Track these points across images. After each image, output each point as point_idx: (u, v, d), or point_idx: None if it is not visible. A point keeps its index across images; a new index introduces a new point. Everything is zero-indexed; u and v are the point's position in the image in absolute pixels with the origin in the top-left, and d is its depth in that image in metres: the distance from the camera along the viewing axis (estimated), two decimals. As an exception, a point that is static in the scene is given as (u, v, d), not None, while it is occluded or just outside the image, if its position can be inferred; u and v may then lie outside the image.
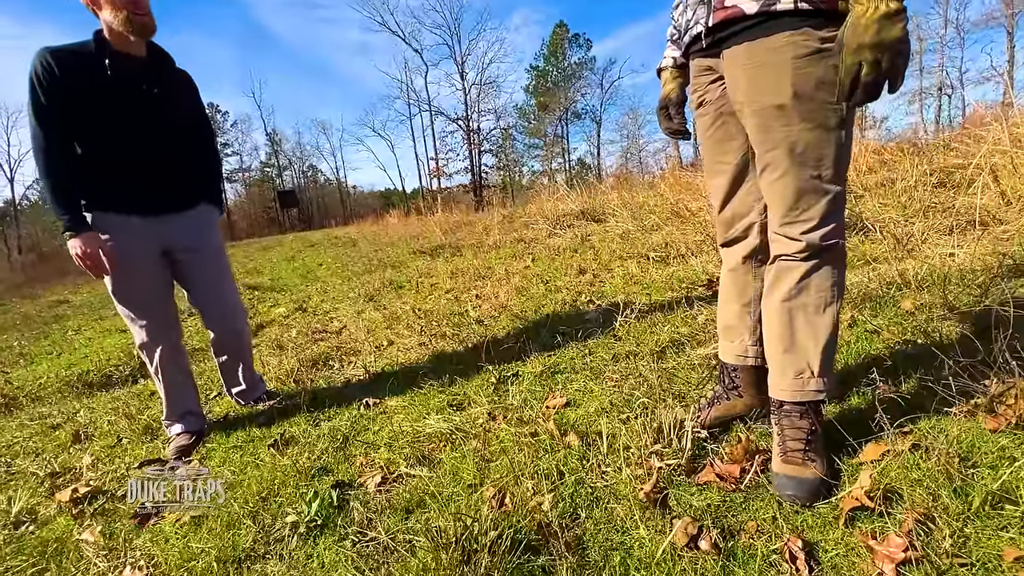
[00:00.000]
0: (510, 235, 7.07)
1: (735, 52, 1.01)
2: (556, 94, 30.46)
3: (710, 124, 1.16)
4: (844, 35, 0.86)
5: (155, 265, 1.69)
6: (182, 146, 1.73)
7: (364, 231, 16.62)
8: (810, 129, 0.95)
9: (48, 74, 1.48)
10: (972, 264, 2.13)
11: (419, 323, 2.92)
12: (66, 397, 2.89)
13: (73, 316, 7.07)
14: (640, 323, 2.09)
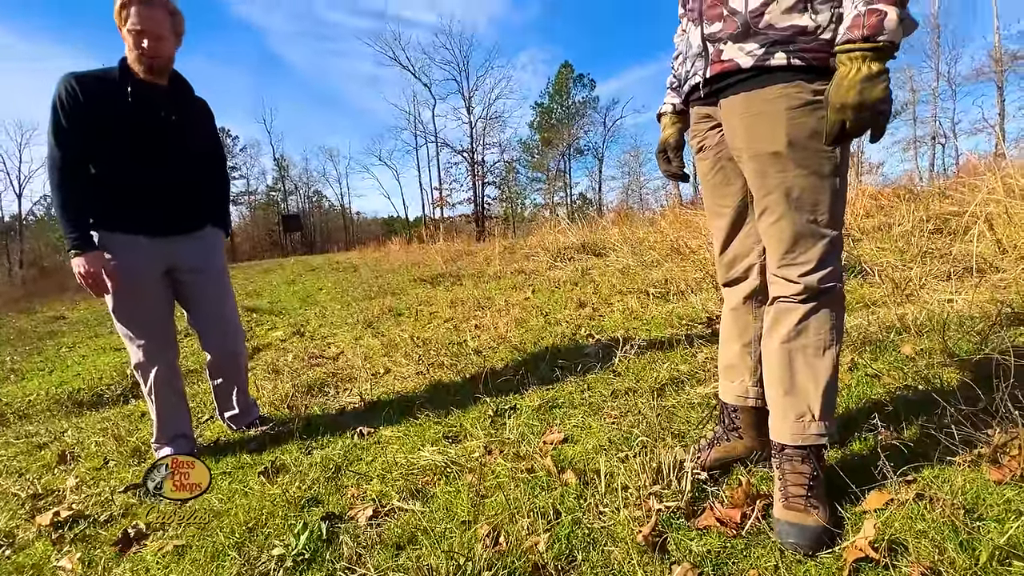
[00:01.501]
0: (511, 266, 7.12)
1: (732, 102, 1.04)
2: (560, 130, 31.20)
3: (710, 169, 1.19)
4: (827, 94, 0.90)
5: (158, 284, 1.69)
6: (195, 172, 1.76)
7: (366, 257, 16.74)
8: (805, 175, 0.98)
9: (71, 99, 1.52)
10: (971, 311, 2.14)
11: (417, 351, 2.90)
12: (55, 415, 2.84)
13: (68, 332, 7.02)
14: (639, 359, 2.09)
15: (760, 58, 0.97)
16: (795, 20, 0.94)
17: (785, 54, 0.95)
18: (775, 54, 0.96)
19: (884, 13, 0.84)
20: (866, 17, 0.85)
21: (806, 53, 0.94)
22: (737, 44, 1.00)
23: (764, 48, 0.96)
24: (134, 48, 1.56)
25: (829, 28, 0.93)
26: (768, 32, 0.96)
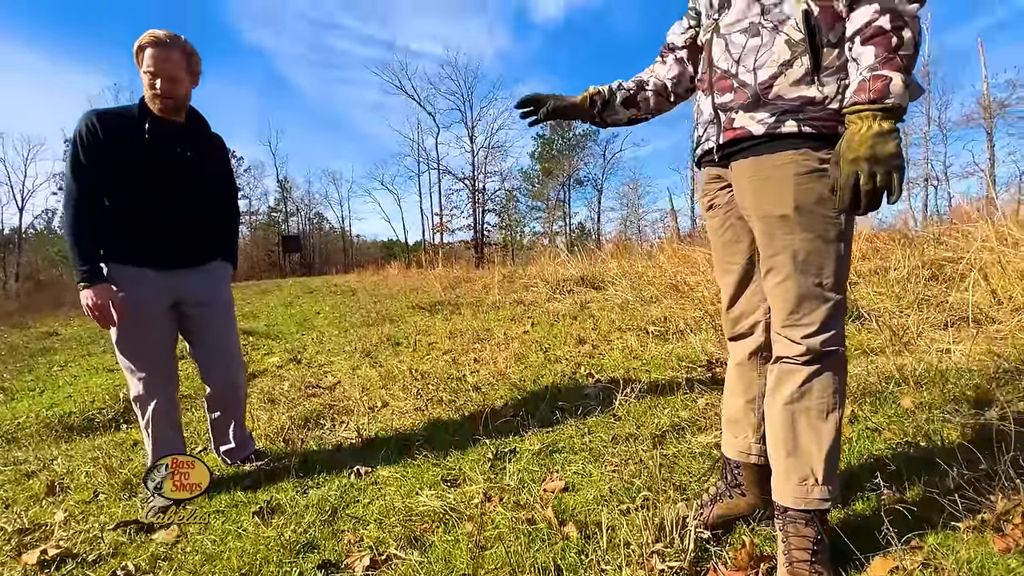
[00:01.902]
0: (510, 296, 7.14)
1: (743, 165, 1.08)
2: (560, 161, 31.75)
3: (719, 226, 1.22)
4: (840, 148, 0.93)
5: (164, 317, 1.70)
6: (207, 207, 1.79)
7: (364, 280, 16.76)
8: (811, 239, 1.01)
9: (91, 135, 1.56)
10: (968, 363, 2.16)
11: (415, 385, 2.89)
12: (44, 441, 2.79)
13: (61, 350, 6.94)
14: (640, 403, 2.08)
15: (771, 126, 1.01)
16: (803, 91, 0.99)
17: (796, 122, 0.99)
18: (786, 122, 1.00)
19: (889, 78, 0.87)
20: (871, 82, 0.88)
21: (815, 121, 0.98)
22: (748, 113, 1.04)
23: (775, 117, 1.01)
24: (149, 88, 1.61)
25: (836, 99, 0.98)
26: (777, 102, 1.00)
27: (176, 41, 1.63)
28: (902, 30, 0.88)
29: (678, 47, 1.32)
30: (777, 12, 1.01)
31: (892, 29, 0.88)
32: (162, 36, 1.60)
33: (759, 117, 1.03)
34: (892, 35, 0.88)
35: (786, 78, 0.99)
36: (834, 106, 0.98)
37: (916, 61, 0.91)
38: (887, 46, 0.88)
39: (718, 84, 1.09)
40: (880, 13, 0.89)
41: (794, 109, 0.99)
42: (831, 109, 0.98)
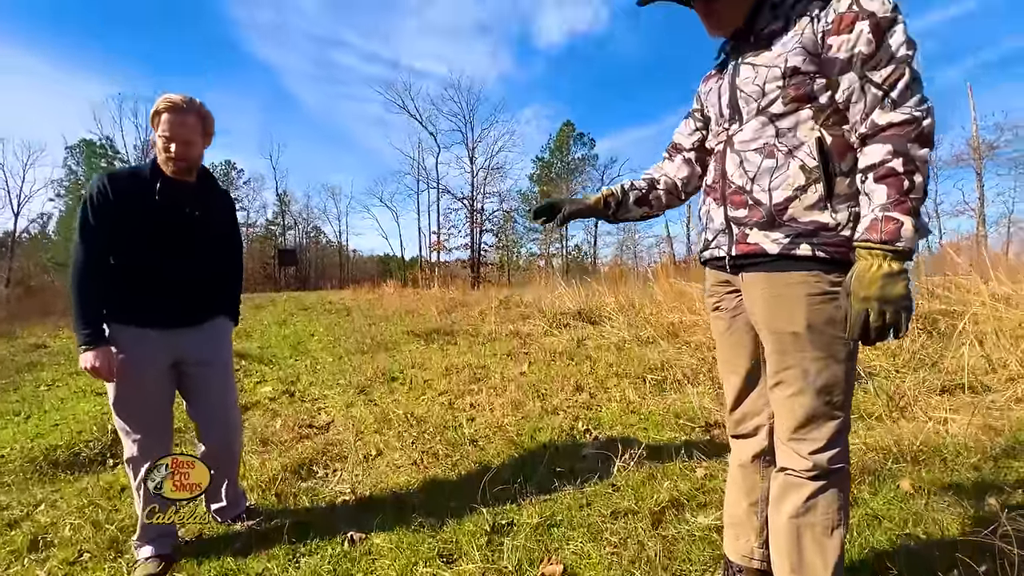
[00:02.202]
0: (506, 326, 7.13)
1: (755, 278, 1.10)
2: (559, 185, 32.11)
3: (725, 329, 1.24)
4: (850, 284, 0.94)
5: (163, 378, 1.68)
6: (213, 266, 1.79)
7: (359, 298, 16.70)
8: (822, 358, 1.02)
9: (102, 197, 1.57)
10: (966, 438, 2.17)
11: (411, 433, 2.86)
12: (29, 480, 2.72)
13: (48, 365, 6.83)
14: (639, 471, 2.07)
15: (786, 247, 1.03)
16: (816, 216, 1.01)
17: (810, 246, 1.01)
18: (800, 245, 1.02)
19: (901, 223, 0.90)
20: (883, 223, 0.91)
21: (828, 247, 1.01)
22: (763, 231, 1.07)
23: (790, 239, 1.03)
24: (164, 152, 1.63)
25: (848, 226, 1.00)
26: (792, 224, 1.03)
27: (192, 105, 1.65)
28: (913, 174, 0.91)
29: (686, 148, 1.35)
30: (791, 136, 1.04)
31: (904, 172, 0.91)
32: (179, 101, 1.62)
33: (774, 237, 1.05)
34: (904, 178, 0.91)
35: (801, 202, 1.02)
36: (845, 233, 1.00)
37: (924, 200, 0.93)
38: (899, 188, 0.91)
39: (732, 198, 1.12)
40: (893, 155, 0.92)
41: (808, 233, 1.02)
42: (843, 236, 1.00)
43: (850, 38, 0.96)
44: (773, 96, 1.05)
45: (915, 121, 0.91)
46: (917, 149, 0.92)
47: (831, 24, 0.98)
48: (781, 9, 1.09)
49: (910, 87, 0.92)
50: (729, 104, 1.15)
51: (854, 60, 0.96)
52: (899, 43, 0.93)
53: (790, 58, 1.02)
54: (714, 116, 1.21)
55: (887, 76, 0.93)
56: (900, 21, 0.95)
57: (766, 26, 1.10)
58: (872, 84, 0.94)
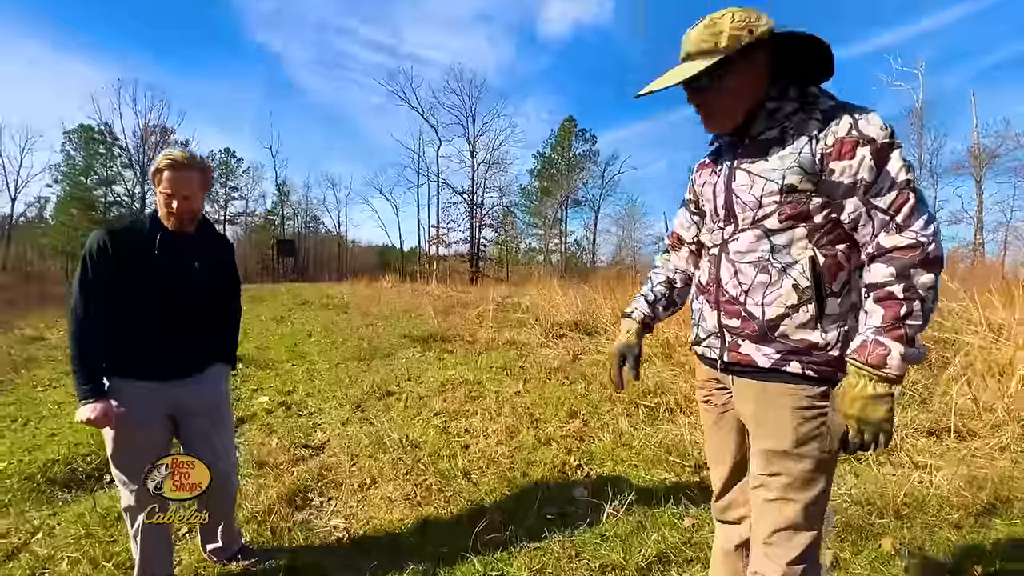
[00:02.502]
0: (503, 333, 7.16)
1: (745, 385, 1.13)
2: (559, 180, 32.04)
3: (713, 423, 1.27)
4: (837, 398, 0.97)
5: (161, 430, 1.71)
6: (211, 315, 1.81)
7: (357, 293, 16.69)
8: (805, 471, 1.05)
9: (101, 252, 1.58)
10: (950, 491, 2.21)
11: (405, 461, 2.90)
12: (26, 499, 2.75)
13: (45, 362, 6.84)
14: (628, 519, 2.11)
15: (777, 362, 1.06)
16: (807, 335, 1.04)
17: (800, 364, 1.04)
18: (791, 362, 1.05)
19: (889, 350, 0.91)
20: (873, 347, 0.92)
21: (816, 365, 1.03)
22: (755, 344, 1.09)
23: (781, 355, 1.06)
24: (165, 207, 1.64)
25: (836, 346, 1.03)
26: (783, 341, 1.06)
27: (192, 161, 1.66)
28: (912, 301, 0.92)
29: (687, 241, 1.38)
30: (786, 254, 1.06)
31: (903, 299, 0.92)
32: (180, 158, 1.62)
33: (765, 351, 1.07)
34: (902, 304, 0.92)
35: (792, 320, 1.04)
36: (834, 353, 1.02)
37: (925, 327, 0.95)
38: (895, 314, 0.92)
39: (725, 306, 1.14)
40: (894, 278, 0.93)
41: (798, 351, 1.04)
42: (831, 355, 1.03)
43: (852, 164, 0.98)
44: (769, 210, 1.07)
45: (920, 246, 0.92)
46: (920, 275, 0.92)
47: (831, 148, 1.00)
48: (777, 117, 1.10)
49: (915, 210, 0.94)
50: (724, 206, 1.16)
51: (857, 186, 0.98)
52: (899, 168, 0.95)
53: (788, 176, 1.04)
54: (709, 213, 1.23)
55: (892, 201, 0.95)
56: (897, 146, 0.97)
57: (762, 132, 1.12)
58: (878, 209, 0.96)
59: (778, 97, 1.11)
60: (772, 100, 1.11)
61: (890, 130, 0.97)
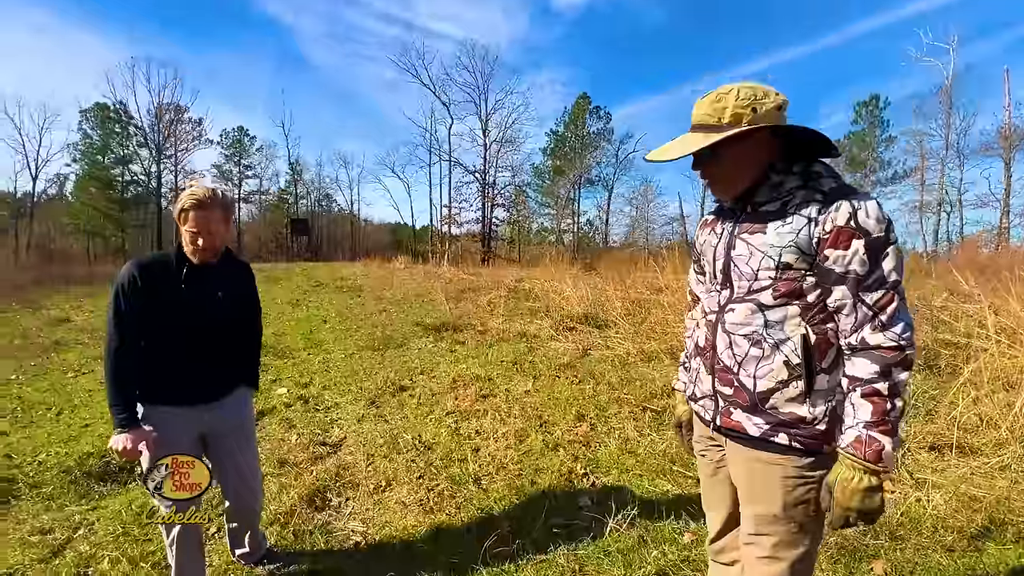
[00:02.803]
0: (514, 324, 7.25)
1: (736, 449, 1.20)
2: (572, 159, 31.62)
3: (709, 475, 1.34)
4: (833, 488, 1.04)
5: (192, 449, 1.82)
6: (235, 342, 1.91)
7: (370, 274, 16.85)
8: (792, 532, 1.13)
9: (131, 285, 1.67)
10: (946, 512, 2.27)
11: (419, 463, 3.03)
12: (66, 493, 2.93)
13: (73, 345, 7.10)
14: (630, 534, 2.21)
15: (766, 432, 1.12)
16: (796, 409, 1.09)
17: (787, 436, 1.10)
18: (780, 434, 1.11)
19: (883, 446, 0.99)
20: (868, 444, 1.00)
21: (804, 438, 1.09)
22: (746, 414, 1.15)
23: (770, 426, 1.12)
24: (191, 244, 1.72)
25: (824, 420, 1.08)
26: (772, 413, 1.11)
27: (215, 199, 1.72)
28: (895, 398, 0.99)
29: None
30: (779, 330, 1.10)
31: (888, 395, 0.99)
32: (203, 197, 1.69)
33: (755, 421, 1.13)
34: (887, 401, 0.99)
35: (782, 395, 1.10)
36: (821, 427, 1.08)
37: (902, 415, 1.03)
38: (883, 410, 0.99)
39: (720, 374, 1.20)
40: (879, 376, 0.99)
41: (787, 424, 1.10)
42: (818, 430, 1.08)
43: (846, 255, 1.01)
44: (764, 284, 1.11)
45: (901, 349, 0.99)
46: (900, 373, 0.99)
47: (828, 234, 1.03)
48: (780, 191, 1.13)
49: (898, 313, 0.99)
50: (723, 271, 1.21)
51: (848, 276, 1.02)
52: (891, 268, 0.99)
53: (784, 254, 1.08)
54: (708, 274, 1.28)
55: (878, 300, 0.99)
56: (892, 242, 1.00)
57: (764, 203, 1.15)
58: (864, 304, 1.00)
59: (782, 171, 1.14)
60: (777, 173, 1.14)
61: (887, 223, 1.00)
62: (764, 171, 1.15)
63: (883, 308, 0.99)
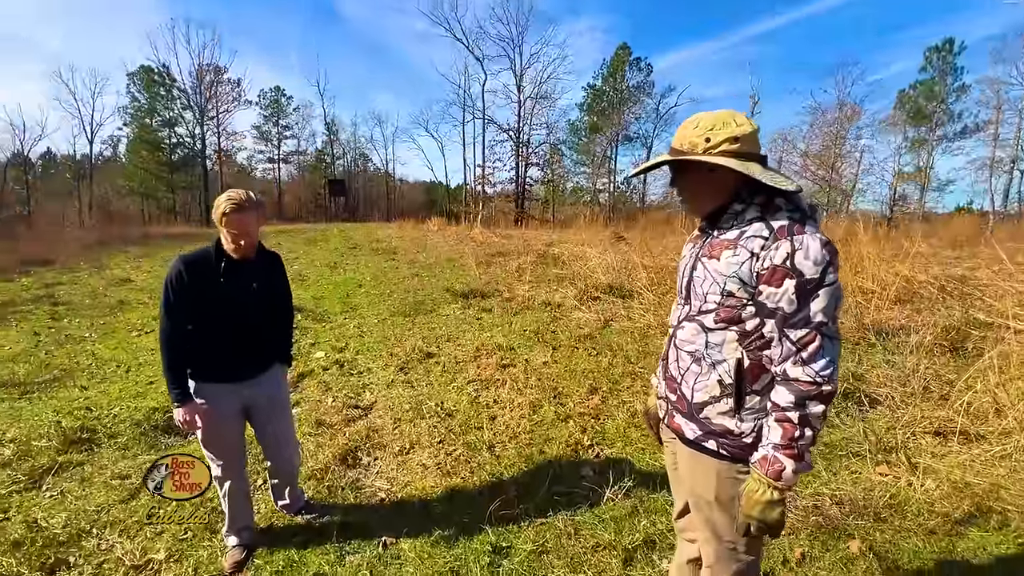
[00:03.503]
0: (540, 291, 7.40)
1: (680, 447, 1.36)
2: (610, 115, 30.49)
3: (671, 463, 1.50)
4: (742, 496, 1.18)
5: (236, 419, 2.12)
6: (270, 325, 2.16)
7: (405, 236, 17.19)
8: (727, 521, 1.28)
9: (179, 280, 1.92)
10: (934, 499, 2.35)
11: (440, 429, 3.30)
12: (138, 443, 3.38)
13: (136, 305, 7.74)
14: (626, 502, 2.41)
15: (699, 438, 1.27)
16: (726, 423, 1.23)
17: (716, 444, 1.25)
18: (709, 440, 1.26)
19: (784, 467, 1.11)
20: (772, 463, 1.13)
21: (731, 448, 1.23)
22: (684, 419, 1.30)
23: (703, 433, 1.27)
24: (231, 243, 1.94)
25: (751, 435, 1.21)
26: (705, 422, 1.26)
27: (251, 202, 1.93)
28: (805, 427, 1.10)
29: None
30: (717, 351, 1.22)
31: (798, 424, 1.10)
32: (241, 201, 1.90)
33: (691, 426, 1.28)
34: (796, 428, 1.10)
35: (714, 408, 1.23)
36: (747, 440, 1.21)
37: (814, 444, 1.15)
38: (791, 436, 1.11)
39: (668, 382, 1.34)
40: (793, 407, 1.10)
41: (716, 433, 1.24)
42: (745, 442, 1.21)
43: (777, 292, 1.10)
44: (711, 307, 1.22)
45: (817, 385, 1.08)
46: (815, 406, 1.09)
47: (765, 270, 1.11)
48: (739, 220, 1.21)
49: (820, 351, 1.08)
50: (685, 288, 1.32)
51: (776, 312, 1.11)
52: (818, 309, 1.07)
53: (728, 283, 1.17)
54: (677, 288, 1.39)
55: (801, 337, 1.08)
56: (827, 284, 1.07)
57: (725, 228, 1.23)
58: (788, 340, 1.09)
59: (747, 200, 1.21)
60: (740, 202, 1.22)
61: (824, 265, 1.06)
62: (730, 197, 1.23)
63: (805, 346, 1.08)
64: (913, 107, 27.41)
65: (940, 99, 26.55)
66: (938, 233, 13.93)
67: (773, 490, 1.13)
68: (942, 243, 11.58)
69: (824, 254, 1.07)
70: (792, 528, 2.22)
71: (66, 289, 8.75)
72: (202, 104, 31.38)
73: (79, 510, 2.57)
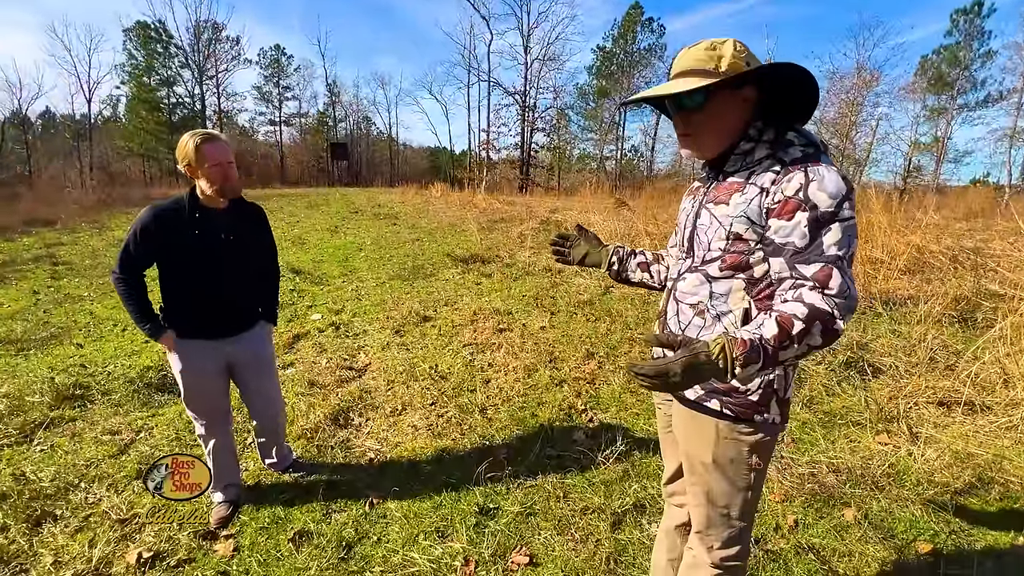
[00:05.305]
0: (541, 257, 7.29)
1: (678, 407, 1.26)
2: (619, 79, 29.54)
3: (663, 428, 1.42)
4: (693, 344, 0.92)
5: (220, 377, 2.06)
6: (251, 279, 2.07)
7: (407, 201, 16.96)
8: (723, 483, 1.20)
9: (143, 233, 1.83)
10: (934, 468, 2.29)
11: (433, 391, 3.26)
12: (131, 401, 3.36)
13: (135, 267, 7.68)
14: (618, 466, 2.37)
15: (701, 397, 1.17)
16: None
17: (719, 403, 1.14)
18: (712, 399, 1.15)
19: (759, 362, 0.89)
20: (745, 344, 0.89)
21: (735, 406, 1.13)
22: None
23: (705, 392, 1.16)
24: (216, 182, 1.83)
25: (757, 392, 1.11)
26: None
27: (219, 134, 1.83)
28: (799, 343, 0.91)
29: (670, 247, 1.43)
30: (722, 302, 1.11)
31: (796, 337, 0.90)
32: (211, 132, 1.80)
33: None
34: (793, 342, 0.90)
35: None
36: (753, 398, 1.11)
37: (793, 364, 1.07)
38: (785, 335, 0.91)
39: (666, 328, 1.23)
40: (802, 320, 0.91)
41: (718, 391, 1.14)
42: (750, 400, 1.11)
43: (787, 226, 0.98)
44: (715, 255, 1.11)
45: (831, 317, 0.92)
46: (816, 335, 0.92)
47: (776, 204, 1.00)
48: (748, 160, 1.09)
49: (840, 282, 0.93)
50: (688, 239, 1.20)
51: (785, 248, 0.99)
52: (832, 242, 0.95)
53: (735, 224, 1.06)
54: (679, 242, 1.27)
55: (815, 273, 0.95)
56: (843, 219, 0.95)
57: (732, 172, 1.11)
58: (803, 277, 0.97)
59: (755, 138, 1.09)
60: (749, 140, 1.10)
61: (840, 199, 0.95)
62: (739, 137, 1.11)
63: (824, 283, 0.94)
64: (936, 74, 26.33)
65: (964, 65, 25.46)
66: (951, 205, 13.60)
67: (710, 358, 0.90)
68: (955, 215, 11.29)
69: (842, 186, 0.95)
70: (787, 495, 2.18)
71: (67, 249, 8.70)
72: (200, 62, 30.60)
73: (68, 464, 2.55)
